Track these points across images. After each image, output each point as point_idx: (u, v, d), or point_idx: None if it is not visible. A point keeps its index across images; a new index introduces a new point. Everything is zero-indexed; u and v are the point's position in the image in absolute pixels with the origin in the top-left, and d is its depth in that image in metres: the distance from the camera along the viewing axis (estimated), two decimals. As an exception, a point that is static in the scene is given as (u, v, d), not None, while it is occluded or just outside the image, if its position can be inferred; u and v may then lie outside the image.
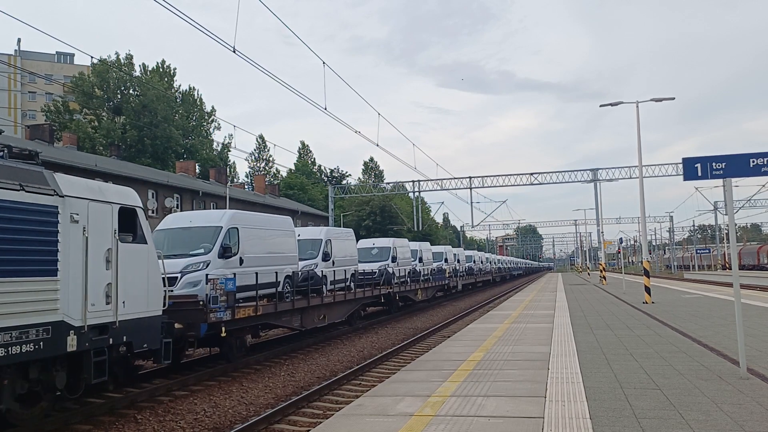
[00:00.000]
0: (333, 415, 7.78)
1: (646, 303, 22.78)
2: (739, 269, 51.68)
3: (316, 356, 17.84)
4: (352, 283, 24.37)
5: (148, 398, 12.23)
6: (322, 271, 21.59)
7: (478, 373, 9.51)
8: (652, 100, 25.81)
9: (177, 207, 43.65)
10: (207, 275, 14.46)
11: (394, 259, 30.91)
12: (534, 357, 10.96)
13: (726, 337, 12.65)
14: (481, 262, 61.58)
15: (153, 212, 40.66)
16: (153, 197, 42.16)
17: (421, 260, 36.75)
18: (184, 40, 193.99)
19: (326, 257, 22.81)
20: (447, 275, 39.43)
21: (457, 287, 41.47)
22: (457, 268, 44.99)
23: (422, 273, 35.61)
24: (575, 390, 8.03)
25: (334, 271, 22.94)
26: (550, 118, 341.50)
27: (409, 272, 33.01)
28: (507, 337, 14.17)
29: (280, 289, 17.57)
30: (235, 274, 15.14)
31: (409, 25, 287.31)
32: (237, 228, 16.23)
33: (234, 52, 17.17)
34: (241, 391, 13.15)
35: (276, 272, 17.38)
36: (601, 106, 26.59)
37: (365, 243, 31.94)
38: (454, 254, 49.36)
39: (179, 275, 14.61)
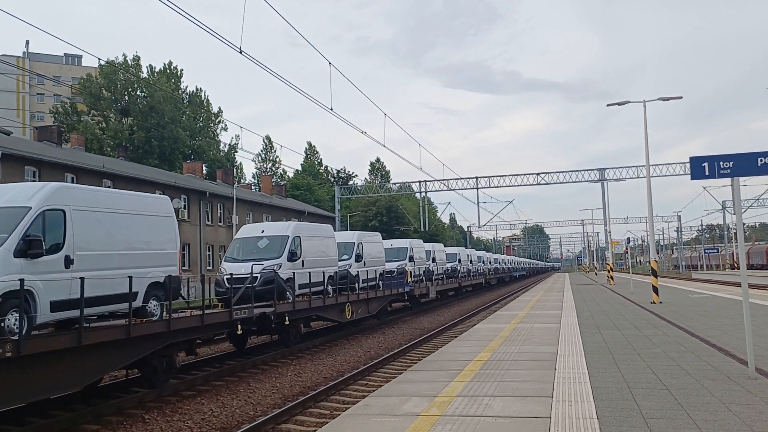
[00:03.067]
0: (340, 415, 7.80)
1: (654, 303, 22.68)
2: (748, 269, 51.37)
3: (323, 356, 17.87)
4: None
5: (155, 398, 12.28)
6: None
7: (485, 373, 9.50)
8: (659, 99, 25.62)
9: (184, 208, 43.79)
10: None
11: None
12: (541, 357, 10.94)
13: (734, 337, 12.58)
14: (470, 262, 52.77)
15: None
16: (160, 198, 42.23)
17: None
18: (191, 41, 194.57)
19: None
20: (411, 280, 31.21)
21: (429, 295, 34.59)
22: (433, 269, 38.36)
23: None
24: (582, 390, 8.01)
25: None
26: (556, 118, 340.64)
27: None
28: (514, 337, 14.14)
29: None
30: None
31: (415, 25, 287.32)
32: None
33: (240, 53, 17.21)
34: (249, 391, 13.19)
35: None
36: (608, 105, 26.50)
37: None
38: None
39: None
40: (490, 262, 66.21)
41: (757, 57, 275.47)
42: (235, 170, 70.72)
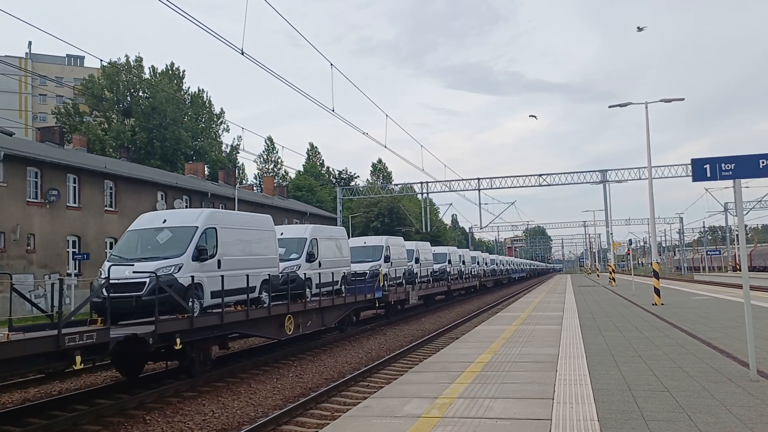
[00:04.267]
0: (340, 416, 7.79)
1: (656, 305, 22.65)
2: (750, 271, 51.37)
3: (324, 358, 17.87)
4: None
5: (157, 399, 12.29)
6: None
7: (486, 375, 9.49)
8: (661, 100, 25.62)
9: (186, 209, 43.84)
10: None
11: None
12: (542, 359, 10.93)
13: (736, 339, 12.56)
14: (462, 263, 48.55)
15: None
16: (162, 199, 42.35)
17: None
18: (192, 42, 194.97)
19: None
20: (387, 284, 27.67)
21: (408, 301, 30.41)
22: (417, 270, 34.07)
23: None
24: (583, 392, 8.00)
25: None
26: (558, 119, 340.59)
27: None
28: (515, 338, 14.13)
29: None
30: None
31: (417, 26, 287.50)
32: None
33: (242, 54, 17.26)
34: (249, 392, 13.19)
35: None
36: (610, 107, 26.47)
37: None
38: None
39: None
40: (486, 263, 61.85)
41: (760, 58, 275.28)
42: (237, 171, 70.78)
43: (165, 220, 15.12)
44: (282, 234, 20.27)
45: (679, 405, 7.16)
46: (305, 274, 19.83)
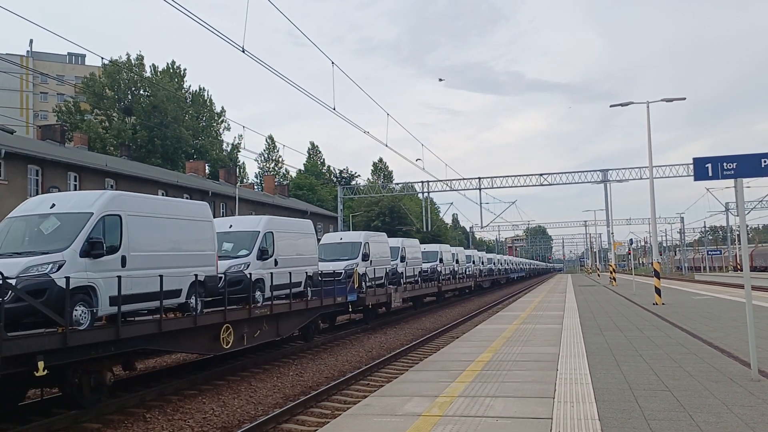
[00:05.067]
0: (341, 414, 7.79)
1: (657, 304, 22.63)
2: (751, 271, 51.33)
3: (325, 356, 17.87)
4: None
5: (157, 397, 12.29)
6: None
7: (487, 374, 9.48)
8: (662, 100, 25.63)
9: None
10: None
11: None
12: (543, 358, 10.92)
13: (737, 338, 12.54)
14: (456, 262, 44.04)
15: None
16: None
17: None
18: (193, 40, 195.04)
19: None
20: (365, 285, 24.28)
21: (391, 303, 28.03)
22: (401, 270, 31.39)
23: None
24: (584, 391, 7.99)
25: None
26: (559, 119, 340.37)
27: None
28: (516, 338, 14.12)
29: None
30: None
31: (418, 26, 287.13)
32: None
33: (243, 52, 17.24)
34: (250, 390, 13.19)
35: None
36: (611, 106, 26.46)
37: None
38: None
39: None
40: (483, 263, 58.11)
41: (761, 57, 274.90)
42: (237, 170, 70.88)
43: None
44: (231, 226, 17.80)
45: (680, 404, 7.14)
46: (254, 273, 16.13)
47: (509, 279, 77.07)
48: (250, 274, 15.93)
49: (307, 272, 19.47)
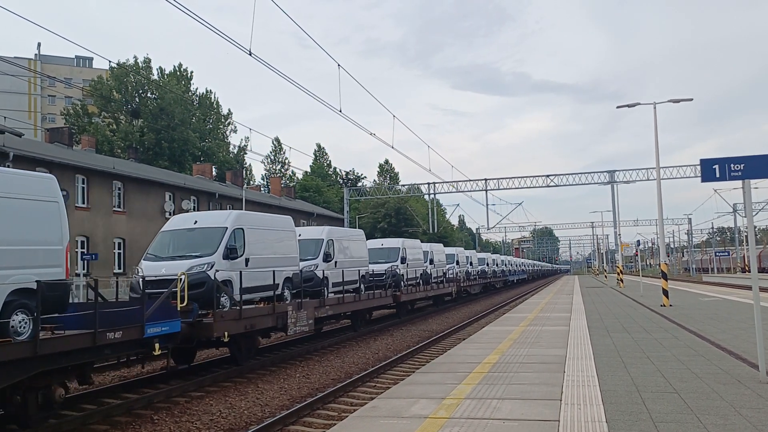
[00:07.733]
0: (347, 416, 7.80)
1: (664, 306, 22.54)
2: (759, 272, 51.05)
3: (331, 358, 17.87)
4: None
5: (164, 399, 12.33)
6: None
7: (493, 376, 9.47)
8: (669, 101, 25.49)
9: (194, 209, 43.96)
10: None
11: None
12: (550, 360, 10.90)
13: (745, 340, 12.48)
14: (430, 262, 35.05)
15: (170, 214, 40.98)
16: (170, 200, 42.52)
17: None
18: (200, 43, 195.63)
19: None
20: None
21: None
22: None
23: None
24: (591, 393, 7.97)
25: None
26: (566, 120, 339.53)
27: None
28: (522, 339, 14.09)
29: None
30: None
31: (424, 26, 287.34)
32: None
33: (250, 54, 17.28)
34: (257, 392, 13.21)
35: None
36: (618, 107, 26.35)
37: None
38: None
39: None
40: (470, 263, 48.46)
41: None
42: (244, 172, 70.99)
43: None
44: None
45: (687, 407, 7.12)
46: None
47: (507, 282, 67.68)
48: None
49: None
